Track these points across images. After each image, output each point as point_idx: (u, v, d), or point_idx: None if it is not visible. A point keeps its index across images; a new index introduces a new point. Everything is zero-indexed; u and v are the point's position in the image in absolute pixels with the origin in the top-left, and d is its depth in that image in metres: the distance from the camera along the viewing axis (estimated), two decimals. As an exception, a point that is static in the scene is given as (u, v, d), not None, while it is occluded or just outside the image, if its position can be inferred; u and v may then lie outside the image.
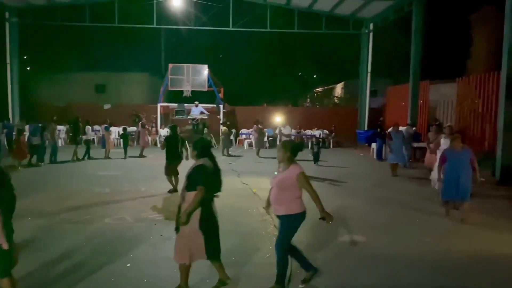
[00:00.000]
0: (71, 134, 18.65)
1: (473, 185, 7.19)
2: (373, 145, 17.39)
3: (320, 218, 4.28)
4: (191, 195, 4.11)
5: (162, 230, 6.43)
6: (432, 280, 4.87)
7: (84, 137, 15.94)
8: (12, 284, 3.68)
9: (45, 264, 5.07)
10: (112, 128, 20.18)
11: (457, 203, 7.39)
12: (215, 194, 4.36)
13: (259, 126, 18.34)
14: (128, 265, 5.07)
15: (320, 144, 15.90)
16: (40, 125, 14.37)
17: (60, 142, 17.11)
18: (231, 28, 21.59)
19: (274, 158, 13.04)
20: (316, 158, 14.68)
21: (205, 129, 18.29)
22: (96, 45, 38.16)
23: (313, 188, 4.26)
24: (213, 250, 4.26)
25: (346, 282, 4.80)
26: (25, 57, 32.36)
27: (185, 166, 9.91)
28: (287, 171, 4.31)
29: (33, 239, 6.00)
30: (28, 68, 34.52)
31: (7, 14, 20.79)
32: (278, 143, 13.52)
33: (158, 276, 4.73)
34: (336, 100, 36.63)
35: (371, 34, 22.74)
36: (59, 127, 17.78)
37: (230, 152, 17.45)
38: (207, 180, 4.13)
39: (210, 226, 4.21)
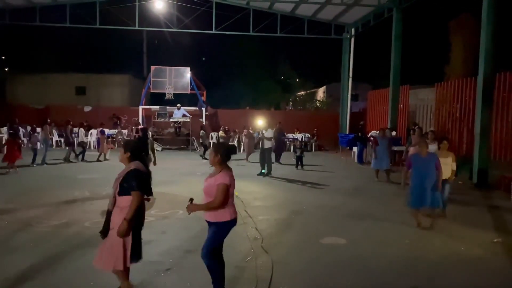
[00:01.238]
0: (60, 139, 18.64)
1: (446, 192, 7.02)
2: (354, 149, 17.58)
3: (190, 199, 4.13)
4: (122, 200, 3.99)
5: (142, 233, 6.36)
6: (409, 280, 4.95)
7: (77, 139, 15.91)
8: None
9: (21, 267, 4.96)
10: (92, 131, 20.00)
11: (427, 210, 7.11)
12: (145, 197, 4.20)
13: (250, 130, 18.36)
14: (108, 268, 5.00)
15: (303, 148, 15.88)
16: (17, 126, 14.22)
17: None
18: (214, 31, 21.60)
19: (257, 162, 13.10)
20: (299, 162, 14.62)
21: (202, 131, 18.22)
22: (76, 46, 37.65)
23: (219, 203, 3.98)
24: (137, 257, 4.13)
25: (325, 283, 4.84)
26: (2, 57, 31.79)
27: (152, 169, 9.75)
28: (214, 178, 4.09)
29: (11, 243, 5.88)
30: (6, 69, 33.86)
31: (-16, 14, 20.37)
32: (260, 146, 13.50)
33: (137, 280, 4.68)
34: (318, 104, 36.94)
35: (352, 39, 23.04)
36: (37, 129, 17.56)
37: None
38: (142, 185, 3.99)
39: (135, 231, 4.08)
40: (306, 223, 7.39)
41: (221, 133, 18.41)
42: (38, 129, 14.87)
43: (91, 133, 19.99)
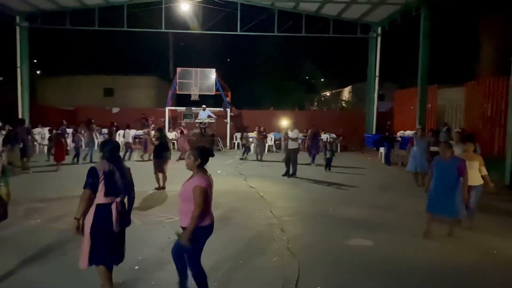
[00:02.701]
0: (100, 140, 19.28)
1: (473, 199, 6.64)
2: (381, 149, 17.33)
3: (176, 233, 4.05)
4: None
5: (170, 233, 6.44)
6: (436, 285, 4.86)
7: (123, 140, 16.49)
8: None
9: (48, 269, 5.10)
10: (120, 131, 20.38)
11: (444, 218, 6.48)
12: (117, 199, 4.13)
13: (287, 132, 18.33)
14: (136, 267, 5.09)
15: (334, 149, 15.07)
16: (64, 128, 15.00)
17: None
18: (239, 32, 21.69)
19: (280, 161, 13.02)
20: (328, 164, 14.02)
21: (245, 133, 18.61)
22: (104, 49, 38.50)
23: (199, 207, 3.87)
24: (99, 258, 4.09)
25: (351, 285, 4.80)
26: (34, 61, 32.75)
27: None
28: (189, 182, 4.01)
29: (40, 245, 6.02)
30: (38, 72, 34.90)
31: (17, 19, 21.01)
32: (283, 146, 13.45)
33: (165, 279, 4.74)
34: (343, 104, 36.60)
35: (379, 38, 22.70)
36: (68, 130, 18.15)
37: (261, 157, 17.25)
38: (91, 182, 4.00)
39: (100, 232, 4.03)
40: (332, 224, 7.32)
41: (254, 133, 18.45)
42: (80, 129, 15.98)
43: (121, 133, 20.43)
